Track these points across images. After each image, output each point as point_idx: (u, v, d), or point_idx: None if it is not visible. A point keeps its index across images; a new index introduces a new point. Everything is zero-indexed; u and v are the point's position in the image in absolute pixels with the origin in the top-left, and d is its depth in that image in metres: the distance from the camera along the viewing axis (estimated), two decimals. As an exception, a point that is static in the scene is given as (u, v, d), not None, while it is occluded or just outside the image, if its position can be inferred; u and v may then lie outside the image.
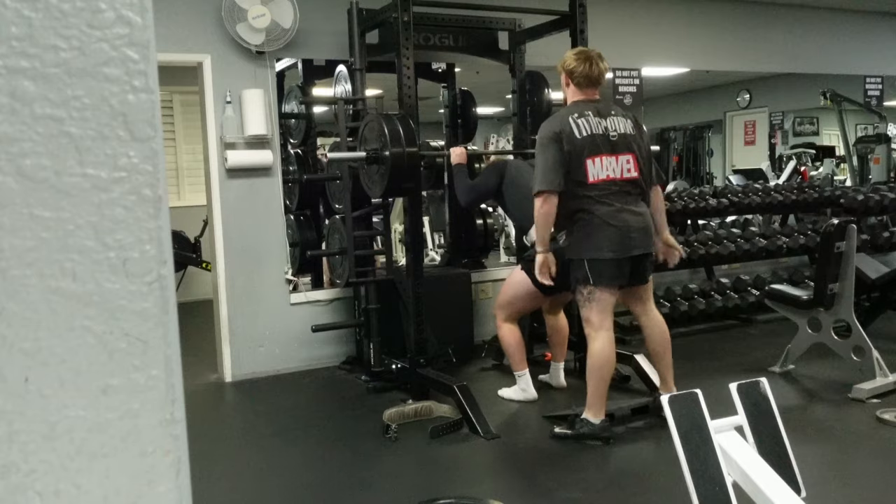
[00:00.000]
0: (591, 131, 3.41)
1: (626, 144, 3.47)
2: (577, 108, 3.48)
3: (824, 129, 10.04)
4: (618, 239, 3.38)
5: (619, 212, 3.40)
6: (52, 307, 0.62)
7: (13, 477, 0.61)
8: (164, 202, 0.66)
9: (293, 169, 5.39)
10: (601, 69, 3.53)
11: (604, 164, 3.42)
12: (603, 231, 3.38)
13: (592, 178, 3.40)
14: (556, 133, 3.42)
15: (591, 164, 3.40)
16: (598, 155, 3.41)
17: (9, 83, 0.60)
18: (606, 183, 3.42)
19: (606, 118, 3.48)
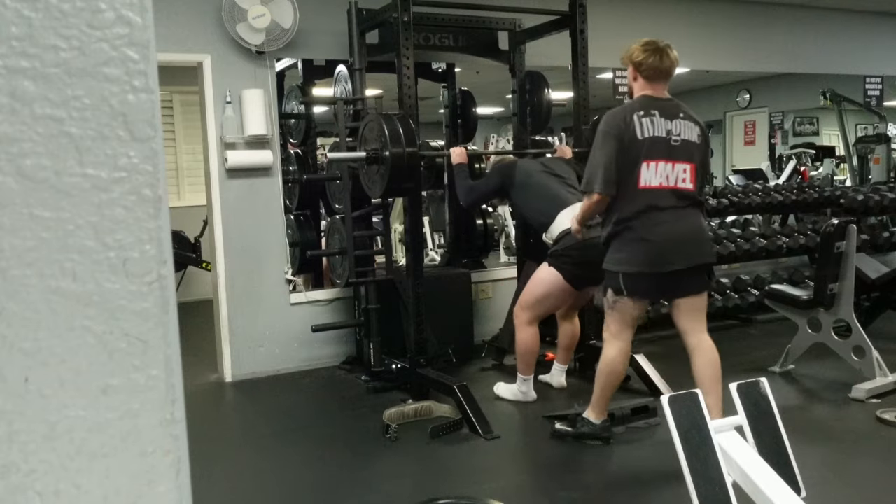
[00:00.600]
0: (652, 133, 3.17)
1: (688, 152, 3.23)
2: (643, 105, 3.23)
3: (824, 129, 10.03)
4: (656, 252, 3.15)
5: (661, 224, 3.16)
6: (52, 307, 0.62)
7: (13, 477, 0.61)
8: (164, 202, 0.66)
9: (293, 169, 5.39)
10: (672, 60, 3.28)
11: (658, 169, 3.16)
12: (640, 245, 3.17)
13: (644, 183, 3.16)
14: (620, 129, 3.16)
15: (644, 169, 3.15)
16: (655, 159, 3.16)
17: (9, 83, 0.60)
18: (657, 191, 3.17)
19: (672, 120, 3.22)
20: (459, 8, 4.79)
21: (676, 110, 3.26)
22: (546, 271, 3.98)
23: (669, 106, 3.26)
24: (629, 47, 3.36)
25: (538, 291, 4.02)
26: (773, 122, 9.80)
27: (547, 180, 4.07)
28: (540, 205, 4.01)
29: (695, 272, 3.25)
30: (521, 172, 4.15)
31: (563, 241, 3.89)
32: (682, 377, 4.24)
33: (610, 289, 3.32)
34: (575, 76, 4.58)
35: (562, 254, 3.89)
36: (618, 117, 3.21)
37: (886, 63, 7.86)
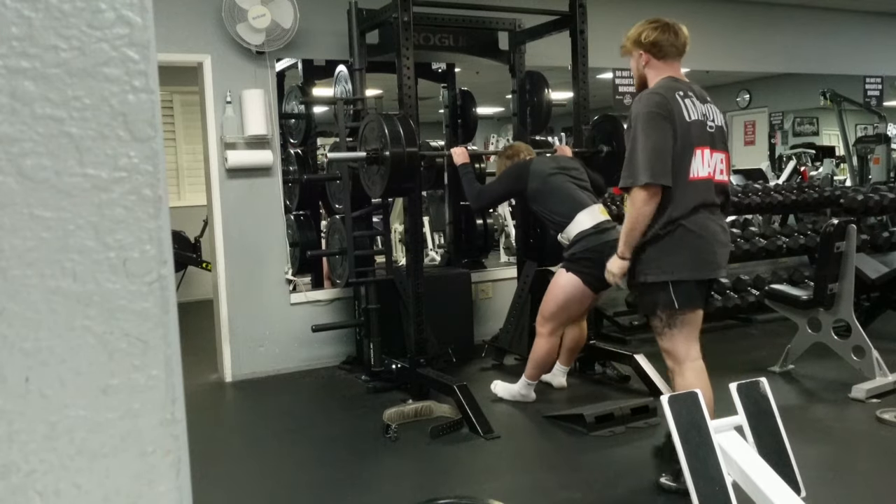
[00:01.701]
0: (692, 116, 2.77)
1: (723, 140, 2.88)
2: (678, 86, 2.81)
3: (824, 129, 10.04)
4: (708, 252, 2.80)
5: (710, 221, 2.80)
6: (52, 307, 0.62)
7: (13, 477, 0.61)
8: (164, 202, 0.66)
9: (293, 169, 5.39)
10: (686, 36, 2.90)
11: (705, 158, 2.78)
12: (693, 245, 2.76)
13: (693, 174, 2.75)
14: (668, 109, 2.71)
15: (697, 157, 2.75)
16: (703, 146, 2.77)
17: (9, 83, 0.60)
18: (704, 182, 2.78)
19: (704, 104, 2.84)
20: (459, 8, 4.79)
21: (703, 94, 2.89)
22: (565, 278, 3.92)
23: (697, 89, 2.88)
24: (631, 32, 2.97)
25: (560, 299, 3.94)
26: (772, 122, 9.80)
27: (562, 182, 3.99)
28: (557, 207, 3.94)
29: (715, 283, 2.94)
30: (535, 174, 4.03)
31: (580, 244, 3.84)
32: (682, 377, 4.24)
33: (659, 306, 2.84)
34: (575, 76, 4.59)
35: (580, 257, 3.85)
36: (659, 97, 2.75)
37: (886, 63, 7.86)
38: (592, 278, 3.79)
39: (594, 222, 3.86)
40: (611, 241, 3.51)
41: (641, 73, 2.95)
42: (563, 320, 4.03)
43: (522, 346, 4.92)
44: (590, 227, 3.84)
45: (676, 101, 2.75)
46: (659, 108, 2.72)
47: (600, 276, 3.59)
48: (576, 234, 3.87)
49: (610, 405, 3.82)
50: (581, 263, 3.84)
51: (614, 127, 4.55)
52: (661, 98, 2.74)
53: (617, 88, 6.20)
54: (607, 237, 3.75)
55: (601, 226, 3.85)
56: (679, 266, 2.76)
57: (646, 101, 2.76)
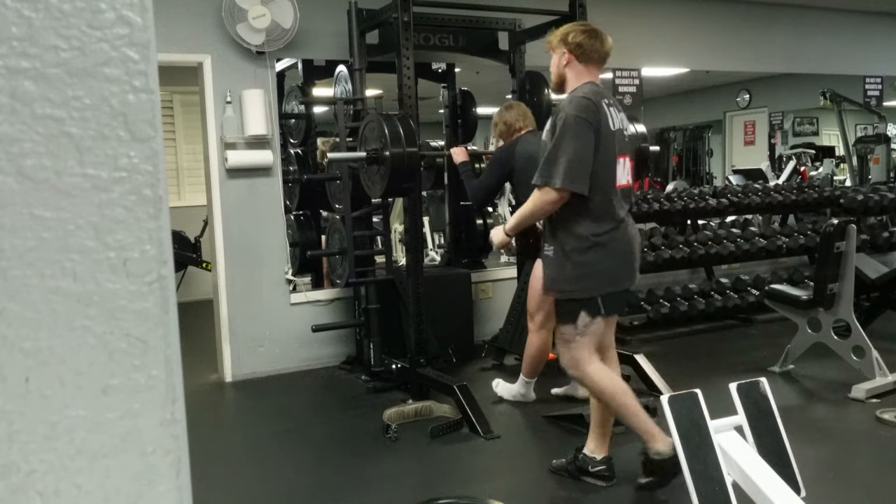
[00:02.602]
0: (618, 125, 2.83)
1: (631, 147, 2.97)
2: (600, 92, 2.85)
3: (824, 129, 10.04)
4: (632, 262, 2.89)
5: (632, 230, 2.90)
6: (52, 307, 0.62)
7: (13, 477, 0.61)
8: (164, 202, 0.66)
9: (293, 169, 5.39)
10: (609, 48, 2.94)
11: (625, 167, 2.86)
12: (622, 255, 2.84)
13: (620, 182, 2.82)
14: (597, 118, 2.74)
15: (619, 165, 2.82)
16: (623, 155, 2.84)
17: (9, 83, 0.60)
18: (626, 190, 2.87)
19: (620, 112, 2.90)
20: (459, 8, 4.79)
21: (617, 103, 2.95)
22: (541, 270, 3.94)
23: (612, 98, 2.94)
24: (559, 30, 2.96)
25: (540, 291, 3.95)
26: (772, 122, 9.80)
27: None
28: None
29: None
30: (520, 155, 3.98)
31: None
32: (682, 377, 4.24)
33: (583, 313, 2.85)
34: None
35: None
36: (592, 104, 2.77)
37: (886, 63, 7.87)
38: None
39: None
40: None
41: (561, 72, 2.95)
42: (549, 311, 3.91)
43: (522, 346, 4.91)
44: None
45: (603, 109, 2.78)
46: (588, 115, 2.74)
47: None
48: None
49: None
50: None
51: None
52: (592, 105, 2.76)
53: (617, 88, 6.20)
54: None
55: None
56: (608, 280, 2.82)
57: (577, 105, 2.77)
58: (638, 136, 2.99)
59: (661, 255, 5.51)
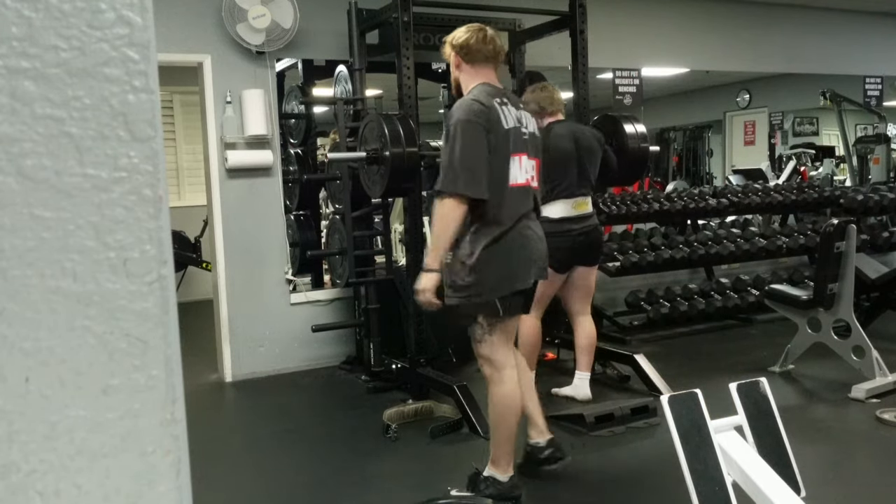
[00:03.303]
0: (512, 123, 2.78)
1: (535, 147, 2.90)
2: (495, 91, 2.82)
3: (824, 129, 10.04)
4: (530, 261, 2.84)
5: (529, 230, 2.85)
6: (52, 307, 0.62)
7: (14, 477, 0.61)
8: (164, 202, 0.66)
9: (293, 169, 5.39)
10: (497, 45, 2.89)
11: (522, 165, 2.80)
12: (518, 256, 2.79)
13: (513, 180, 2.77)
14: (488, 120, 2.71)
15: (513, 164, 2.77)
16: (520, 153, 2.79)
17: (9, 83, 0.60)
18: (523, 189, 2.81)
19: (519, 110, 2.86)
20: (459, 8, 4.79)
21: (517, 100, 2.92)
22: None
23: (511, 96, 2.92)
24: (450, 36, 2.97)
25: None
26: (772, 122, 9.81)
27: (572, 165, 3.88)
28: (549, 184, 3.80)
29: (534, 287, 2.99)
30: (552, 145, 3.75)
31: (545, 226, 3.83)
32: (682, 377, 4.24)
33: (481, 315, 2.82)
34: (575, 76, 4.58)
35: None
36: (480, 105, 2.73)
37: (886, 63, 7.87)
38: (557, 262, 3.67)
39: (560, 215, 3.82)
40: (571, 230, 3.77)
41: (455, 76, 2.95)
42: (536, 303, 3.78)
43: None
44: (554, 217, 3.79)
45: (495, 108, 2.75)
46: (478, 116, 2.70)
47: (564, 259, 3.77)
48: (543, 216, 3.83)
49: (610, 405, 3.82)
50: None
51: (614, 127, 4.54)
52: (481, 106, 2.73)
53: (617, 88, 6.20)
54: (564, 226, 3.79)
55: (567, 217, 3.84)
56: (505, 281, 2.77)
57: (465, 108, 2.74)
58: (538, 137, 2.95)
59: (661, 255, 5.51)
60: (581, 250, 3.90)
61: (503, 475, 2.90)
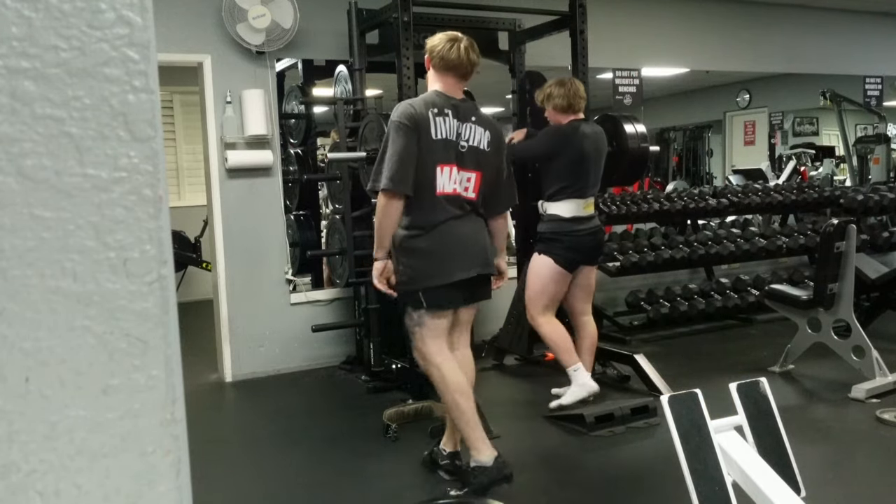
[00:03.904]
0: (445, 135, 2.91)
1: (474, 160, 2.98)
2: (437, 102, 2.94)
3: (824, 129, 10.04)
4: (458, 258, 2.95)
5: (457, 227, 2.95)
6: (52, 307, 0.62)
7: (13, 477, 0.61)
8: (164, 202, 0.66)
9: (293, 169, 5.39)
10: (463, 56, 2.95)
11: (452, 176, 2.93)
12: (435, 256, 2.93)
13: (440, 189, 2.91)
14: (416, 124, 2.85)
15: (440, 173, 2.90)
16: (447, 164, 2.92)
17: (9, 83, 0.60)
18: (452, 198, 2.93)
19: (464, 124, 2.96)
20: (459, 8, 4.79)
21: (469, 113, 3.00)
22: (537, 262, 3.95)
23: (463, 107, 2.99)
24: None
25: (536, 284, 3.95)
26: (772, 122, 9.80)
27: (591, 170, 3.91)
28: (565, 183, 3.87)
29: (480, 282, 3.05)
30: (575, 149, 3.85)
31: (549, 224, 3.91)
32: (681, 377, 4.25)
33: (409, 306, 2.99)
34: (575, 76, 4.58)
35: (549, 237, 3.91)
36: (412, 109, 2.89)
37: (886, 63, 7.87)
38: (564, 259, 3.87)
39: (572, 214, 3.87)
40: (581, 230, 3.83)
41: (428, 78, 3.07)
42: (547, 302, 3.93)
43: (522, 347, 4.92)
44: (566, 216, 3.87)
45: (426, 117, 2.88)
46: (408, 120, 2.85)
47: (572, 257, 3.85)
48: (550, 214, 3.91)
49: (610, 405, 3.82)
50: (550, 244, 3.89)
51: (614, 127, 4.55)
52: (412, 111, 2.87)
53: (617, 88, 6.20)
54: (578, 226, 3.87)
55: (577, 217, 3.88)
56: (427, 274, 2.92)
57: (399, 111, 2.90)
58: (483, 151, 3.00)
59: (661, 255, 5.51)
60: (586, 250, 3.95)
61: (487, 458, 2.95)
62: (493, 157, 3.03)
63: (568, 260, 3.89)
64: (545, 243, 3.94)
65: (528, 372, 4.88)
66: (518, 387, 4.76)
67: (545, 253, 3.92)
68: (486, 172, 3.00)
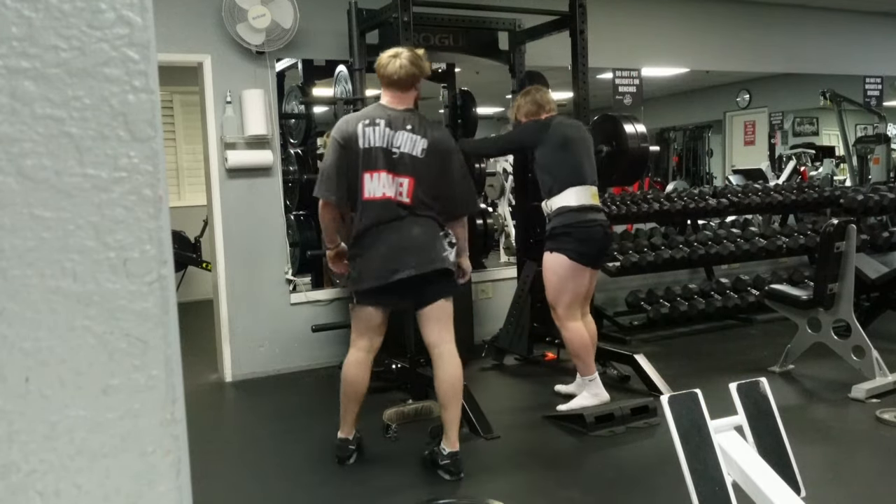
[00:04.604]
0: (373, 143, 3.11)
1: (407, 166, 3.12)
2: (373, 113, 3.19)
3: (824, 129, 10.04)
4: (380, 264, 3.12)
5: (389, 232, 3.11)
6: (52, 307, 0.62)
7: (14, 477, 0.61)
8: (164, 202, 0.66)
9: (293, 169, 5.39)
10: (400, 71, 3.14)
11: (382, 181, 3.10)
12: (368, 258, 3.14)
13: (367, 194, 3.12)
14: (345, 138, 3.14)
15: (367, 179, 3.10)
16: (376, 170, 3.10)
17: (9, 83, 0.60)
18: (382, 202, 3.11)
19: (397, 132, 3.12)
20: (459, 8, 4.79)
21: (404, 122, 3.15)
22: (550, 261, 3.85)
23: (398, 117, 3.15)
24: None
25: (553, 282, 3.85)
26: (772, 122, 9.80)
27: (581, 153, 3.89)
28: (558, 174, 3.85)
29: (427, 281, 3.14)
30: (556, 133, 3.88)
31: (558, 218, 3.81)
32: (681, 377, 4.25)
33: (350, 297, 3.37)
34: (575, 76, 4.58)
35: (559, 233, 3.80)
36: (345, 125, 3.18)
37: (886, 63, 7.87)
38: (577, 253, 3.78)
39: (579, 202, 3.80)
40: (592, 220, 3.77)
41: None
42: (569, 300, 3.85)
43: (522, 347, 4.93)
44: (574, 205, 3.79)
45: (356, 130, 3.14)
46: (338, 135, 3.16)
47: (586, 251, 3.78)
48: (557, 208, 3.82)
49: (610, 405, 3.82)
50: (561, 240, 3.79)
51: (614, 127, 4.55)
52: (344, 127, 3.17)
53: (617, 88, 6.20)
54: (589, 216, 3.78)
55: (585, 206, 3.81)
56: (361, 275, 3.17)
57: (336, 127, 3.23)
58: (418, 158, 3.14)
59: (661, 255, 5.51)
60: (597, 243, 3.83)
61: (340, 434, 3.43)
62: (428, 163, 3.14)
63: (580, 254, 3.78)
64: (554, 240, 3.82)
65: (528, 372, 4.88)
66: (518, 387, 4.76)
67: (556, 250, 3.81)
68: (420, 177, 3.14)
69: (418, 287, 3.16)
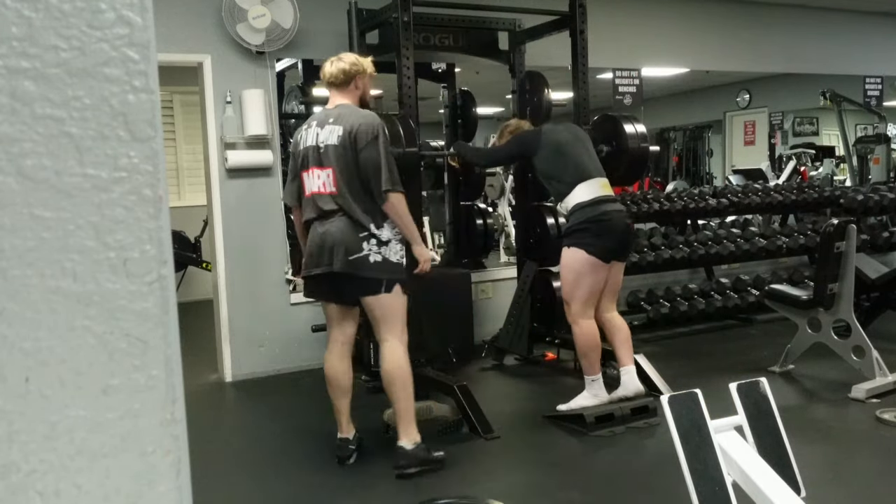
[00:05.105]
0: (307, 144, 3.32)
1: (330, 157, 3.24)
2: (311, 118, 3.46)
3: (824, 129, 10.04)
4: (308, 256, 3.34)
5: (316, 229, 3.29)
6: (52, 307, 0.62)
7: (13, 477, 0.61)
8: (164, 202, 0.66)
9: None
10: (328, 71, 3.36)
11: (313, 176, 3.30)
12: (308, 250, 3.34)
13: (307, 191, 3.33)
14: (293, 146, 3.46)
15: (306, 177, 3.33)
16: (308, 168, 3.32)
17: (9, 83, 0.60)
18: (316, 196, 3.29)
19: (323, 128, 3.29)
20: (459, 8, 4.79)
21: (328, 117, 3.31)
22: (567, 256, 3.79)
23: (328, 114, 3.34)
24: None
25: (570, 278, 3.79)
26: (772, 122, 9.80)
27: (579, 152, 3.89)
28: (562, 175, 3.84)
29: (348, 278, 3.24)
30: (548, 140, 3.89)
31: (576, 215, 3.77)
32: (681, 377, 4.25)
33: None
34: (575, 76, 4.58)
35: (577, 229, 3.75)
36: (296, 135, 3.45)
37: (886, 63, 7.86)
38: (596, 248, 3.71)
39: (592, 195, 3.76)
40: (608, 212, 3.74)
41: None
42: (584, 298, 3.79)
43: (522, 346, 4.93)
44: (587, 199, 3.75)
45: (296, 136, 3.43)
46: (291, 144, 3.49)
47: (605, 245, 3.73)
48: (573, 206, 3.79)
49: (610, 405, 3.82)
50: (579, 235, 3.74)
51: (614, 127, 4.54)
52: (296, 136, 3.45)
53: (617, 88, 6.20)
54: (604, 208, 3.75)
55: (599, 198, 3.78)
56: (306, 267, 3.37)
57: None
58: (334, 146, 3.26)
59: (661, 255, 5.51)
60: (618, 235, 3.78)
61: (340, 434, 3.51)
62: (344, 148, 3.22)
63: (600, 248, 3.71)
64: (572, 236, 3.77)
65: (528, 372, 4.88)
66: (518, 387, 4.76)
67: (574, 245, 3.75)
68: (338, 165, 3.24)
69: (342, 284, 3.31)
